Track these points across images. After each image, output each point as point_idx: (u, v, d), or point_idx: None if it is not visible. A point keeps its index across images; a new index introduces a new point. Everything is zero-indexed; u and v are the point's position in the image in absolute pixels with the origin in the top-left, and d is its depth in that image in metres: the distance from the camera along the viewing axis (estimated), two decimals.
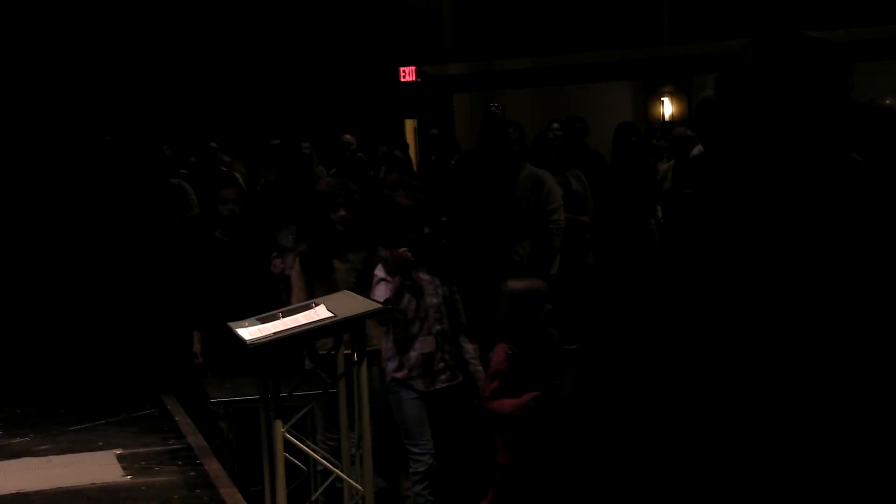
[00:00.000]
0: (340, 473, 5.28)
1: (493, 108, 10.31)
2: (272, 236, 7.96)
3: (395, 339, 6.11)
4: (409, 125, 17.91)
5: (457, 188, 8.41)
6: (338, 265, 6.43)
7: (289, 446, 5.04)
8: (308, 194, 6.76)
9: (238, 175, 11.72)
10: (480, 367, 6.12)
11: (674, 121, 17.25)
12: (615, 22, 17.58)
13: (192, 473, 6.15)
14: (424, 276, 6.15)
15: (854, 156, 6.74)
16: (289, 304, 6.07)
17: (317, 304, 5.30)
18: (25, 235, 10.64)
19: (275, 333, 5.02)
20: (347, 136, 11.40)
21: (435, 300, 6.11)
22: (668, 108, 18.22)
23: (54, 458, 6.60)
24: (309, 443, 5.43)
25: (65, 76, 16.37)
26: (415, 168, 11.72)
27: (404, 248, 6.06)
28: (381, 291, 6.05)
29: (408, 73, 18.31)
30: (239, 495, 5.75)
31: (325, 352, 5.88)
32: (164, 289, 9.35)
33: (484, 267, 7.59)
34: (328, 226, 6.41)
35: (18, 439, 7.08)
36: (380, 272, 6.14)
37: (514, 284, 5.55)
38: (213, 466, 6.22)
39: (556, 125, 10.96)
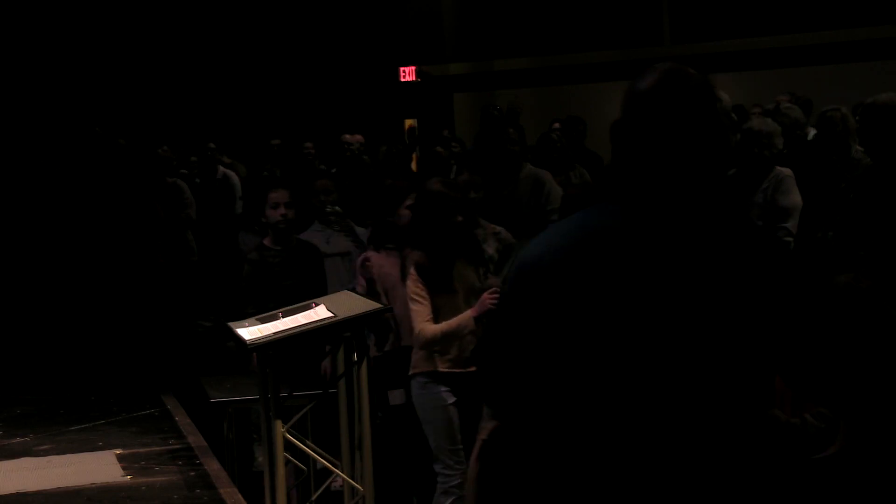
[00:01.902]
0: (340, 473, 5.28)
1: (492, 111, 10.33)
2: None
3: None
4: (409, 125, 17.90)
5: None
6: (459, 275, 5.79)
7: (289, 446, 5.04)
8: (420, 195, 5.94)
9: (236, 175, 11.72)
10: None
11: None
12: (615, 22, 17.58)
13: (192, 473, 6.14)
14: None
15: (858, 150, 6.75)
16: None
17: (317, 304, 5.29)
18: (26, 235, 10.63)
19: (275, 333, 5.02)
20: (347, 136, 11.40)
21: None
22: None
23: (54, 458, 6.58)
24: (309, 443, 5.41)
25: (65, 77, 16.37)
26: (414, 167, 11.72)
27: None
28: None
29: (408, 73, 18.31)
30: (239, 495, 5.75)
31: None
32: (164, 289, 9.35)
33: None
34: (447, 231, 5.73)
35: (18, 439, 7.07)
36: None
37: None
38: (213, 466, 6.21)
39: (556, 125, 10.96)
